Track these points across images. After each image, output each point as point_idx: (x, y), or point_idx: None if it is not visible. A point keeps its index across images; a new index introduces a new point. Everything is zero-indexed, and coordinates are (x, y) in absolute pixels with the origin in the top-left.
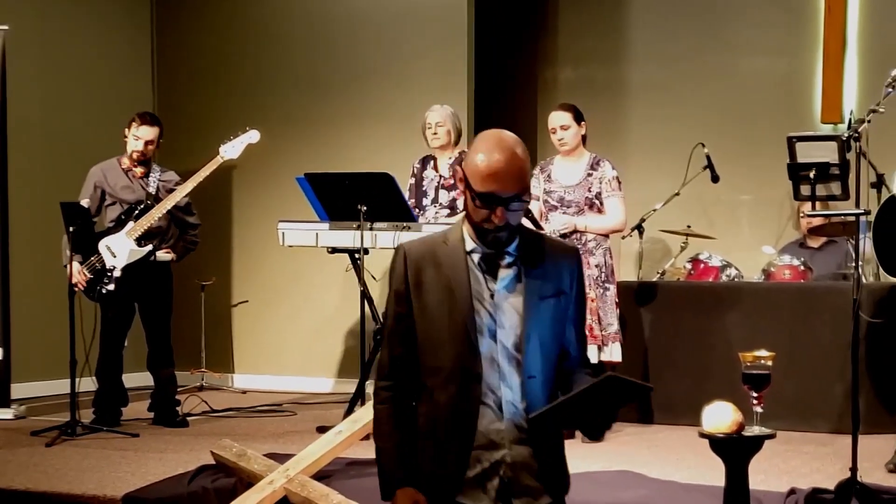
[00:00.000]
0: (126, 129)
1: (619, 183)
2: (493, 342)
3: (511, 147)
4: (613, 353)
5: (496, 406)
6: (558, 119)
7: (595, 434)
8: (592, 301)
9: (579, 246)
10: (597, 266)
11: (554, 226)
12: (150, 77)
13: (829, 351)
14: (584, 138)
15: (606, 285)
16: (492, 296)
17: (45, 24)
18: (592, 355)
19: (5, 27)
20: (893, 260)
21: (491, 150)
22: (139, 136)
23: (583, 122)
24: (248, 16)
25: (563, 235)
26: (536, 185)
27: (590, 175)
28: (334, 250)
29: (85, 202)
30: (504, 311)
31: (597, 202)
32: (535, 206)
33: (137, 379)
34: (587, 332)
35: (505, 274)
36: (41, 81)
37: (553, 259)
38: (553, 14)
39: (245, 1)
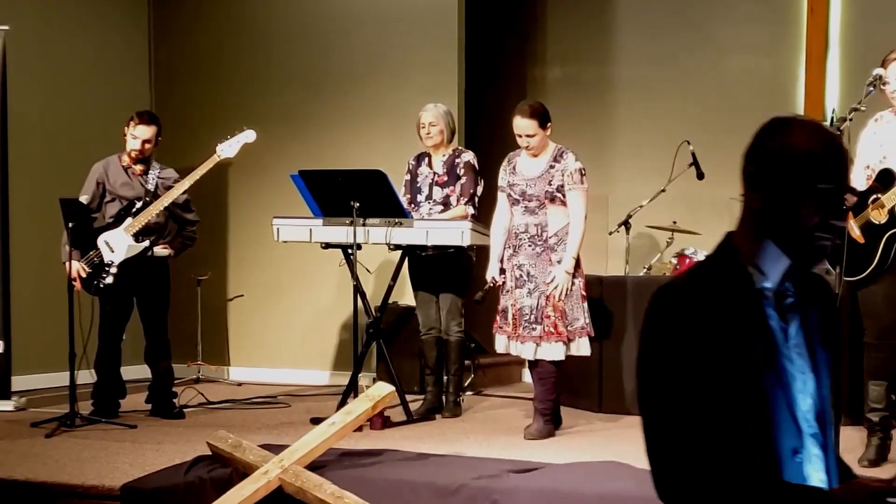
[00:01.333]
0: (125, 128)
1: (583, 175)
2: (802, 407)
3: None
4: (581, 347)
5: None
6: (524, 128)
7: None
8: (556, 297)
9: (540, 243)
10: (559, 262)
11: (557, 282)
12: (147, 76)
13: None
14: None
15: (572, 280)
16: (787, 344)
17: (44, 25)
18: (559, 352)
19: (6, 27)
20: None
21: (816, 130)
22: (136, 136)
23: (548, 125)
24: (243, 16)
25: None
26: (503, 177)
27: (552, 167)
28: (328, 246)
29: (84, 198)
30: (797, 365)
31: (558, 195)
32: (503, 199)
33: (135, 371)
34: (552, 330)
35: (792, 317)
36: (41, 80)
37: (820, 295)
38: (542, 15)
39: (240, 2)
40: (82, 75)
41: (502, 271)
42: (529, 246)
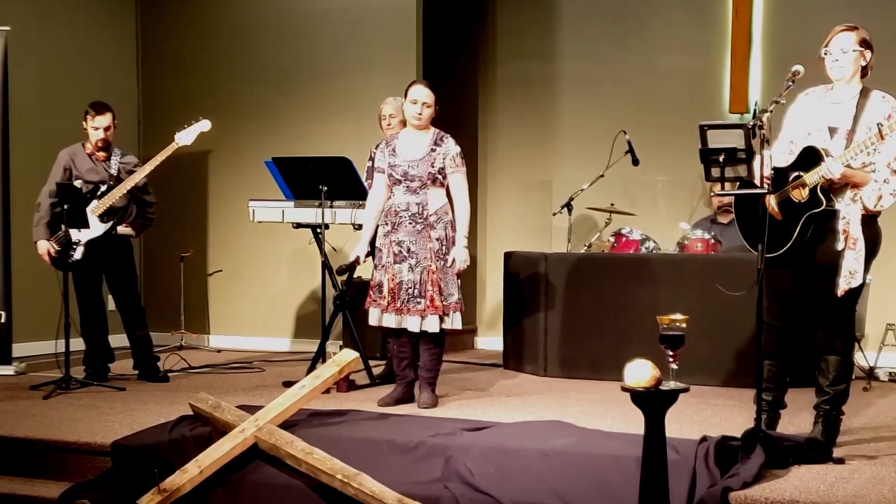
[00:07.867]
0: (84, 122)
1: (462, 159)
2: None
3: None
4: (454, 321)
5: None
6: (425, 96)
7: None
8: (434, 273)
9: (420, 220)
10: (437, 239)
11: (459, 258)
12: (135, 72)
13: (737, 314)
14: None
15: (447, 258)
16: None
17: (42, 26)
18: (434, 324)
19: (7, 28)
20: (754, 235)
21: None
22: (97, 126)
23: (436, 108)
24: (222, 18)
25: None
26: (382, 159)
27: (433, 150)
28: (298, 225)
29: (78, 183)
30: None
31: (439, 177)
32: (380, 180)
33: (125, 340)
34: (429, 303)
35: None
36: (38, 77)
37: None
38: (492, 17)
39: (219, 6)
40: (76, 72)
41: (369, 254)
42: (410, 223)
